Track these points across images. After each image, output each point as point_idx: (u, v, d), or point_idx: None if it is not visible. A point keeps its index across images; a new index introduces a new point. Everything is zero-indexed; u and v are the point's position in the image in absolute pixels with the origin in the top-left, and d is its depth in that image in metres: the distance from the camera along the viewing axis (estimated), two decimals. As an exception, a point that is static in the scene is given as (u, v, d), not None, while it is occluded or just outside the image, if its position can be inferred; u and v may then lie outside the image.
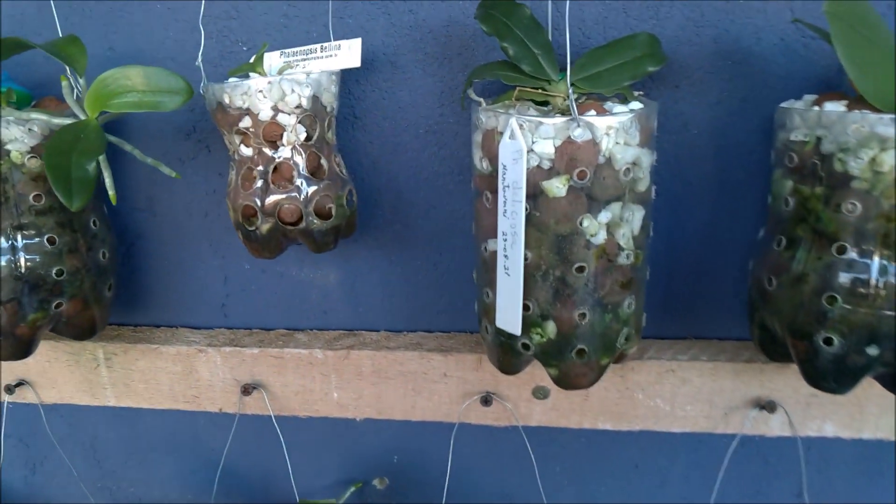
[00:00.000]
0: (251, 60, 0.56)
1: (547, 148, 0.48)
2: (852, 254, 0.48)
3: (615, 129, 0.48)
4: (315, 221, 0.54)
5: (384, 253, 0.65)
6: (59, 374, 0.68)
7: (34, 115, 0.49)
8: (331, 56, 0.56)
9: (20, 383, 0.69)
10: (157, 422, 0.73)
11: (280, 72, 0.56)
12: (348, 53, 0.55)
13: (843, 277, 0.48)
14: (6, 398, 0.68)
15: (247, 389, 0.65)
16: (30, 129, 0.52)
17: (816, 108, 0.49)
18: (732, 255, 0.61)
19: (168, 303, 0.69)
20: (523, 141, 0.47)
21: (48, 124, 0.50)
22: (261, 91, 0.51)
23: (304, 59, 0.56)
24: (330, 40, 0.58)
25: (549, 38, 0.55)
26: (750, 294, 0.56)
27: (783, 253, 0.51)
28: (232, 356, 0.65)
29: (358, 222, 0.61)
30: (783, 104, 0.53)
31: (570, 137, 0.47)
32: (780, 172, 0.52)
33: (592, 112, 0.48)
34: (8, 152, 0.52)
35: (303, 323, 0.68)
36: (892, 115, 0.45)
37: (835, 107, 0.48)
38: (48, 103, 0.59)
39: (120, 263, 0.67)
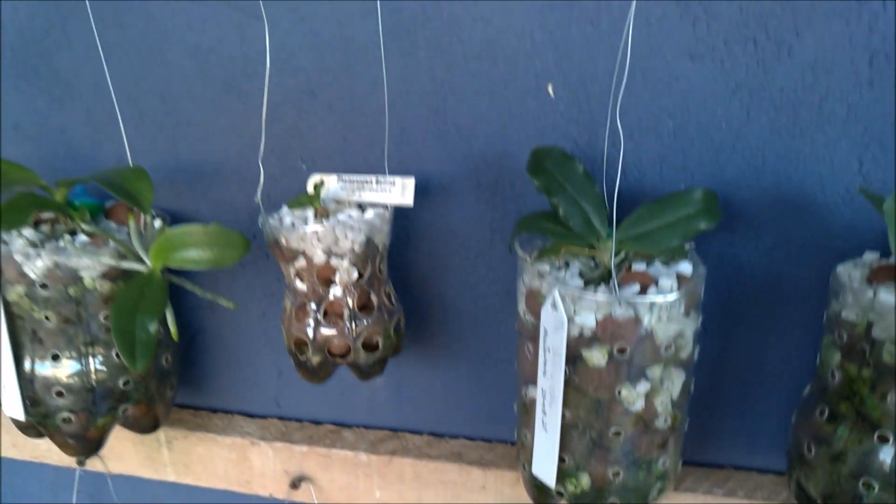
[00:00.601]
0: (310, 191, 0.58)
1: (588, 320, 0.48)
2: (895, 446, 0.47)
3: (659, 306, 0.48)
4: (362, 354, 0.56)
5: (431, 361, 0.67)
6: (125, 450, 0.73)
7: (105, 260, 0.53)
8: (385, 191, 0.57)
9: (90, 455, 0.74)
10: (214, 498, 0.78)
11: (335, 203, 0.58)
12: (402, 192, 0.56)
13: (883, 467, 0.47)
14: (78, 468, 0.74)
15: (295, 483, 0.68)
16: (101, 258, 0.55)
17: (870, 292, 0.47)
18: (778, 391, 0.61)
19: (225, 391, 0.73)
20: (565, 312, 0.48)
21: (117, 265, 0.53)
22: (316, 236, 0.53)
23: (360, 189, 0.58)
24: (385, 166, 0.59)
25: (603, 183, 0.55)
26: (790, 452, 0.55)
27: (825, 425, 0.51)
28: (282, 450, 0.68)
29: (407, 332, 0.63)
30: (839, 267, 0.52)
31: (611, 314, 0.48)
32: (830, 340, 0.51)
33: (636, 287, 0.48)
34: (81, 278, 0.55)
35: (350, 418, 0.71)
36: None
37: (889, 296, 0.46)
38: (118, 210, 0.62)
39: (182, 352, 0.71)
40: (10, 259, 0.54)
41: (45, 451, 0.74)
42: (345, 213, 0.56)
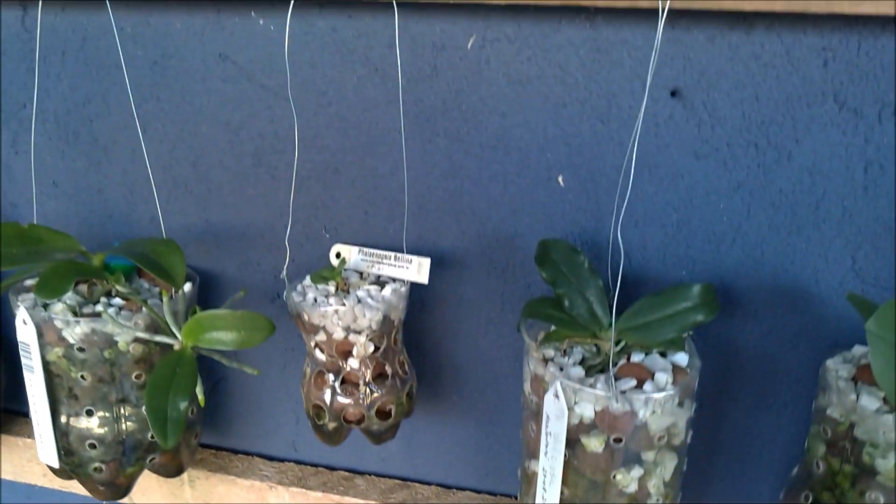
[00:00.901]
0: (332, 261, 0.62)
1: (588, 411, 0.52)
2: (872, 542, 0.50)
3: (654, 401, 0.51)
4: (376, 421, 0.60)
5: (441, 417, 0.71)
6: (149, 485, 0.77)
7: (140, 334, 0.57)
8: (402, 267, 0.60)
9: (117, 488, 0.79)
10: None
11: (356, 276, 0.61)
12: (418, 270, 0.60)
13: (862, 560, 0.51)
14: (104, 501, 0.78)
15: (309, 527, 0.73)
16: (135, 323, 0.59)
17: (853, 395, 0.51)
18: (769, 464, 0.64)
19: (246, 433, 0.77)
20: (566, 402, 0.51)
21: (151, 339, 0.57)
22: (336, 315, 0.57)
23: (379, 262, 0.61)
24: (403, 243, 0.63)
25: (608, 269, 0.59)
26: (777, 530, 0.59)
27: (809, 512, 0.54)
28: (298, 495, 0.72)
29: (420, 390, 0.67)
30: (828, 362, 0.55)
31: (608, 407, 0.51)
32: (817, 431, 0.54)
33: (633, 382, 0.52)
34: (116, 342, 0.59)
35: (363, 465, 0.75)
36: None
37: (870, 402, 0.50)
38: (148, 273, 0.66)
39: (206, 396, 0.75)
40: (51, 324, 0.58)
41: (74, 481, 0.79)
42: (363, 290, 0.59)
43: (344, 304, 0.57)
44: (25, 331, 0.59)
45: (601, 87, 0.56)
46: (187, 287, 0.63)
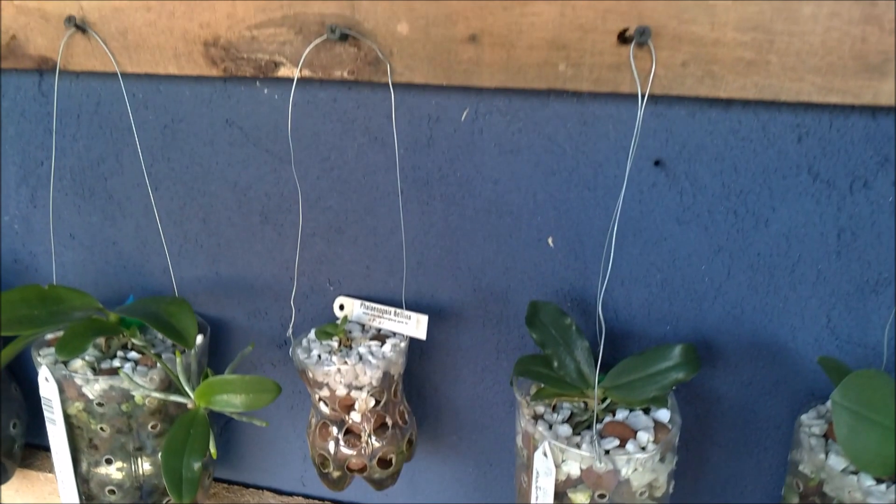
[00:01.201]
0: (336, 312, 0.66)
1: (574, 469, 0.55)
2: (841, 592, 0.54)
3: (635, 460, 0.54)
4: (377, 470, 0.64)
5: (442, 457, 0.74)
6: (165, 517, 0.82)
7: (156, 394, 0.60)
8: (402, 322, 0.64)
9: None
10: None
11: (359, 330, 0.65)
12: (416, 326, 0.63)
13: None
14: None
15: (316, 559, 0.77)
16: (150, 379, 0.63)
17: (822, 454, 0.54)
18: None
19: (256, 468, 0.81)
20: (553, 461, 0.55)
21: (165, 398, 0.61)
22: (339, 373, 0.60)
23: (380, 317, 0.65)
24: (402, 299, 0.66)
25: (596, 324, 0.62)
26: (755, 572, 0.62)
27: (785, 559, 0.58)
28: (306, 528, 0.77)
29: (420, 432, 0.71)
30: (802, 416, 0.58)
31: (593, 466, 0.54)
32: (791, 482, 0.58)
33: (616, 441, 0.55)
34: (132, 397, 0.63)
35: (367, 499, 0.79)
36: (885, 489, 0.50)
37: (837, 463, 0.53)
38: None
39: (219, 433, 0.79)
40: (72, 381, 0.62)
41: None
42: (365, 346, 0.63)
43: (346, 363, 0.60)
44: (47, 387, 0.62)
45: (588, 157, 0.59)
46: (199, 339, 0.67)
